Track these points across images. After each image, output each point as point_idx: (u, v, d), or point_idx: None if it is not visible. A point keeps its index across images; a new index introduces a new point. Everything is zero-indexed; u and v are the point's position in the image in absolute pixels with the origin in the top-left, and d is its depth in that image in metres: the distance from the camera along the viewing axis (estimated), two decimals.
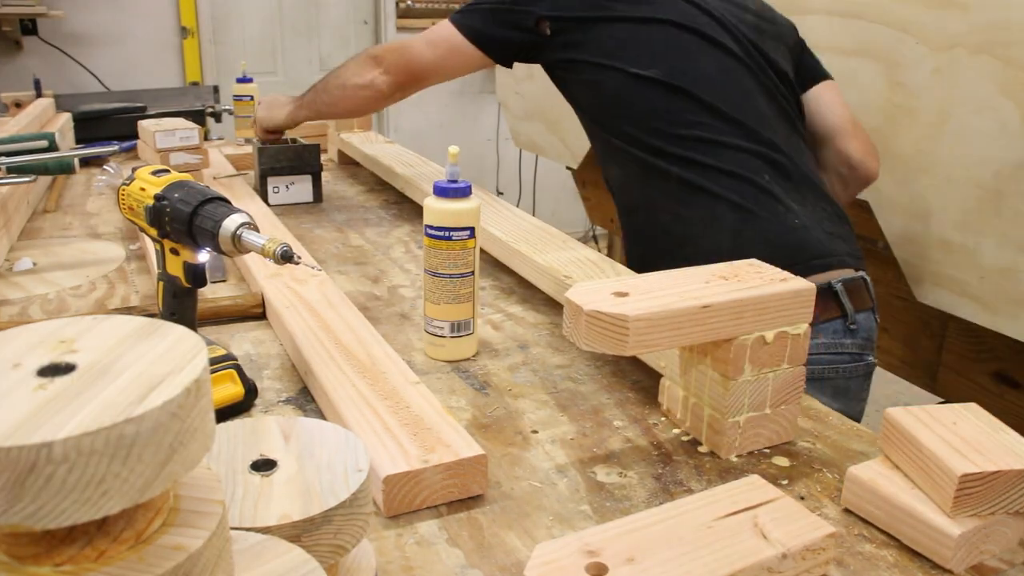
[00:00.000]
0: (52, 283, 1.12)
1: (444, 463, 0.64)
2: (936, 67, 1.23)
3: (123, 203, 0.79)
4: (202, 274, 0.77)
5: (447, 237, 0.87)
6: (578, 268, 1.02)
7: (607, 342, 0.66)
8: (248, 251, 0.73)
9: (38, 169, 1.22)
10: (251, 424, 0.53)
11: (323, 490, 0.47)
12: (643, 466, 0.72)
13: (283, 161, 1.53)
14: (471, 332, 0.91)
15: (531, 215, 1.27)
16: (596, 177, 2.45)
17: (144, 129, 1.51)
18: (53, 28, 3.31)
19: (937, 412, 0.64)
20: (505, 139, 3.97)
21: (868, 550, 0.61)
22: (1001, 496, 0.58)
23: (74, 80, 3.29)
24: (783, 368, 0.72)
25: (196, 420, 0.34)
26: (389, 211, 1.52)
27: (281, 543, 0.41)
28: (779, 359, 0.72)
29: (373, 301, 1.09)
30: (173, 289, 0.78)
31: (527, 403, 0.82)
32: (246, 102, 1.93)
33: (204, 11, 3.59)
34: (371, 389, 0.76)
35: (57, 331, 0.37)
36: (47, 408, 0.31)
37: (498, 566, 0.58)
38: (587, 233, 4.16)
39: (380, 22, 3.99)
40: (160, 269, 0.78)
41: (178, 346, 0.36)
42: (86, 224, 1.41)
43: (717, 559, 0.51)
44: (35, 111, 1.76)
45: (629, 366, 0.91)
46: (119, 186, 0.79)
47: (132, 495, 0.31)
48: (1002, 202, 1.16)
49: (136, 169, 0.79)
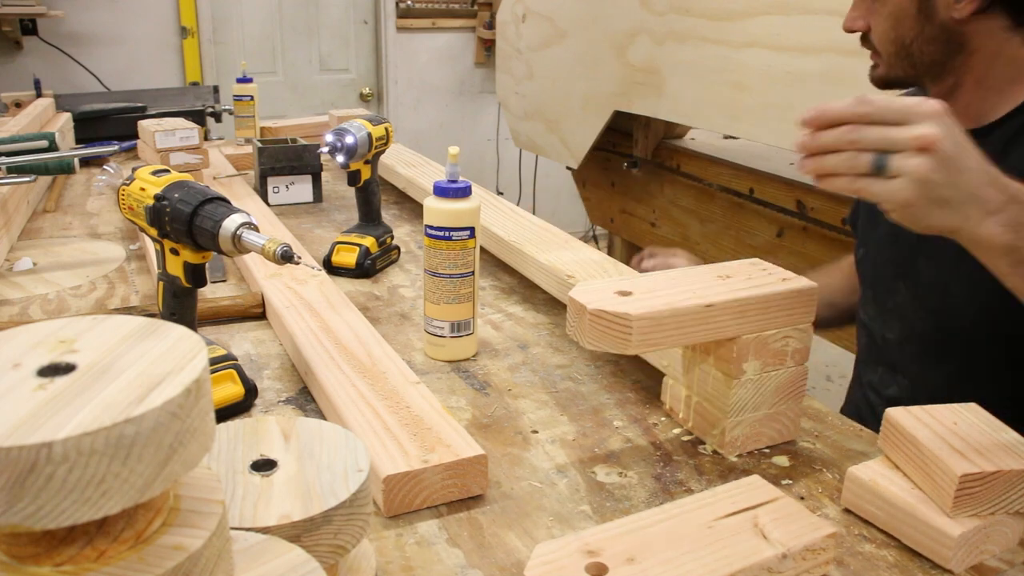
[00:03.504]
0: (52, 283, 1.12)
1: (444, 463, 0.64)
2: None
3: (123, 203, 0.79)
4: (202, 274, 0.78)
5: (447, 237, 0.87)
6: (580, 268, 1.01)
7: (611, 341, 0.66)
8: (248, 251, 0.73)
9: (38, 169, 1.22)
10: (251, 424, 0.53)
11: (323, 490, 0.47)
12: (643, 466, 0.72)
13: (283, 161, 1.53)
14: (471, 332, 0.91)
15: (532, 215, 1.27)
16: (596, 177, 2.45)
17: (144, 129, 1.51)
18: (53, 28, 3.31)
19: (937, 412, 0.64)
20: (505, 139, 3.97)
21: (868, 550, 0.61)
22: (1001, 496, 0.58)
23: (74, 80, 3.29)
24: (786, 367, 0.72)
25: (196, 420, 0.33)
26: (389, 211, 1.52)
27: (281, 543, 0.41)
28: (782, 358, 0.72)
29: (373, 301, 1.09)
30: (173, 289, 0.78)
31: (527, 403, 0.82)
32: (246, 102, 1.93)
33: (204, 11, 3.59)
34: (371, 389, 0.75)
35: (57, 331, 0.37)
36: (47, 408, 0.31)
37: (498, 566, 0.58)
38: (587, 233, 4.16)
39: (380, 22, 3.99)
40: (160, 269, 0.78)
41: (178, 346, 0.36)
42: (86, 224, 1.41)
43: (717, 559, 0.51)
44: (35, 111, 1.76)
45: (629, 366, 0.90)
46: (119, 186, 0.79)
47: (132, 495, 0.31)
48: None
49: (136, 169, 0.79)
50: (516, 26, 2.53)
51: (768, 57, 1.54)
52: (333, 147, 1.11)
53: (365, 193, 1.19)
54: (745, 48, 1.60)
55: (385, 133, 1.17)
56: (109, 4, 3.42)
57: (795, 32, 1.48)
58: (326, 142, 1.11)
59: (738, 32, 1.62)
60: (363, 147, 1.12)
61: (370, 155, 1.15)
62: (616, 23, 2.02)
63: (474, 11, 4.08)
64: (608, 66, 2.07)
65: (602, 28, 2.09)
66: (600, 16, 2.09)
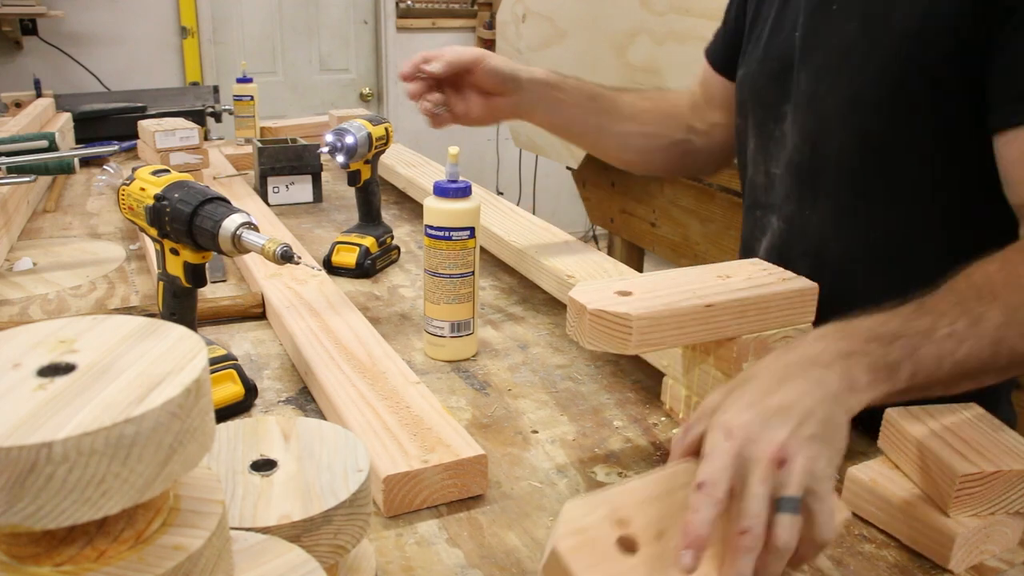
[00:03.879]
0: (52, 283, 1.12)
1: (444, 463, 0.64)
2: None
3: (123, 203, 0.79)
4: (202, 274, 0.78)
5: (447, 237, 0.87)
6: (580, 268, 1.02)
7: (611, 341, 0.66)
8: (248, 251, 0.73)
9: (38, 169, 1.22)
10: (251, 424, 0.53)
11: (323, 490, 0.47)
12: (643, 466, 0.72)
13: (283, 161, 1.53)
14: (471, 332, 0.91)
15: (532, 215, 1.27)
16: (596, 177, 2.45)
17: (144, 129, 1.51)
18: (53, 28, 3.31)
19: (937, 412, 0.64)
20: (505, 139, 3.97)
21: (868, 550, 0.61)
22: (1001, 496, 0.58)
23: (74, 80, 3.29)
24: None
25: (196, 420, 0.34)
26: (389, 211, 1.52)
27: (281, 543, 0.41)
28: None
29: (373, 301, 1.09)
30: (173, 289, 0.78)
31: (527, 403, 0.82)
32: (246, 102, 1.93)
33: (204, 11, 3.59)
34: (371, 389, 0.75)
35: (57, 331, 0.37)
36: (47, 408, 0.31)
37: (498, 566, 0.58)
38: (587, 233, 4.16)
39: (380, 22, 3.99)
40: (160, 269, 0.78)
41: (178, 346, 0.36)
42: (86, 224, 1.41)
43: None
44: (35, 111, 1.76)
45: (629, 366, 0.90)
46: (119, 186, 0.79)
47: (132, 495, 0.31)
48: None
49: (136, 169, 0.79)
50: (516, 26, 2.53)
51: None
52: (333, 147, 1.11)
53: (365, 193, 1.19)
54: None
55: (385, 133, 1.17)
56: (109, 4, 3.42)
57: None
58: (326, 142, 1.11)
59: None
60: (363, 147, 1.12)
61: (370, 155, 1.15)
62: (616, 23, 2.02)
63: (474, 11, 4.08)
64: (608, 66, 2.07)
65: (602, 28, 2.09)
66: (600, 16, 2.09)
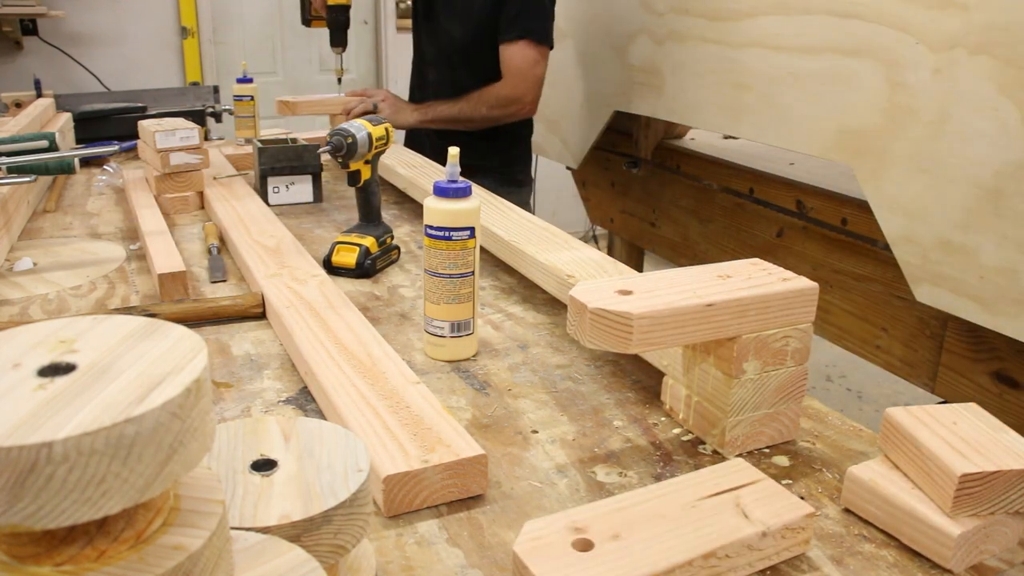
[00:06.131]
0: (52, 283, 1.12)
1: (444, 463, 0.64)
2: (936, 67, 1.23)
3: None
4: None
5: (447, 237, 0.87)
6: (581, 267, 1.01)
7: (611, 340, 0.66)
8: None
9: (38, 169, 1.22)
10: (251, 424, 0.53)
11: (323, 490, 0.47)
12: (643, 466, 0.72)
13: (283, 161, 1.53)
14: (471, 332, 0.91)
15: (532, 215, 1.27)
16: (596, 177, 2.45)
17: (144, 129, 1.51)
18: (53, 28, 3.31)
19: (937, 412, 0.64)
20: None
21: (868, 550, 0.61)
22: (1001, 496, 0.58)
23: (74, 80, 3.29)
24: (785, 367, 0.72)
25: (196, 420, 0.34)
26: (389, 211, 1.52)
27: (281, 543, 0.41)
28: (782, 358, 0.72)
29: (373, 301, 1.09)
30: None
31: (527, 403, 0.82)
32: (246, 102, 1.93)
33: (204, 11, 3.59)
34: (371, 389, 0.76)
35: (57, 331, 0.37)
36: (47, 408, 0.31)
37: (498, 566, 0.58)
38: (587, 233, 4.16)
39: (380, 22, 3.99)
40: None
41: (178, 346, 0.36)
42: (86, 224, 1.41)
43: (700, 536, 0.53)
44: (35, 111, 1.76)
45: (629, 366, 0.91)
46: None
47: (132, 495, 0.31)
48: (1002, 202, 1.16)
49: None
50: None
51: (768, 57, 1.54)
52: (333, 147, 1.11)
53: (365, 193, 1.19)
54: (745, 48, 1.60)
55: (385, 133, 1.18)
56: (109, 4, 3.42)
57: (795, 32, 1.48)
58: (326, 142, 1.11)
59: (738, 32, 1.62)
60: (363, 147, 1.12)
61: (370, 155, 1.15)
62: (616, 23, 2.02)
63: None
64: (608, 66, 2.07)
65: (602, 28, 2.09)
66: (600, 16, 2.09)
